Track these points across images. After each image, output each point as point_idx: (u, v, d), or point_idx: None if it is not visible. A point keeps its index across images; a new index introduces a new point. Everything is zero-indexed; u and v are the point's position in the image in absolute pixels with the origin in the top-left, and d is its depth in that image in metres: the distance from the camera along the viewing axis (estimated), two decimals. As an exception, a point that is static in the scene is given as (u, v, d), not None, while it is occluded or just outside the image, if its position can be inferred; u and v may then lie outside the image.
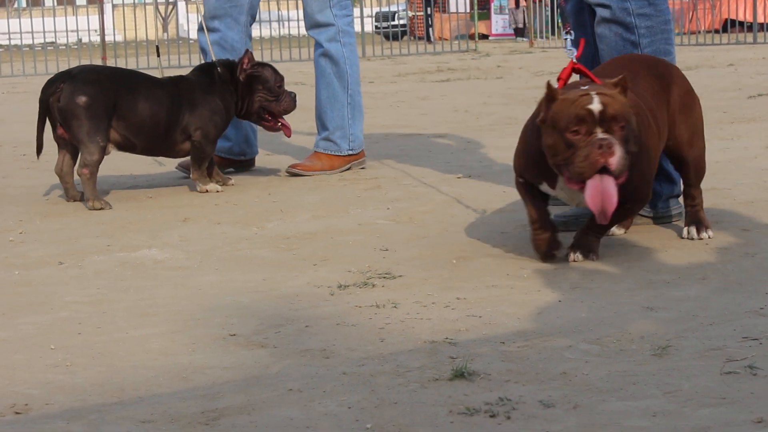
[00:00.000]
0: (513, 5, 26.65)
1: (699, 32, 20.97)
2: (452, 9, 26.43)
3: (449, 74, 12.97)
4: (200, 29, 5.51)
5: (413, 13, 26.60)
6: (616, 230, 3.79)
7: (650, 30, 3.90)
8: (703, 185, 3.80)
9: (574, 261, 3.45)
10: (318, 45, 5.55)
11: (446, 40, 23.38)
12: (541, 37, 22.74)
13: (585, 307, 2.94)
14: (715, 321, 2.78)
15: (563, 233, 3.60)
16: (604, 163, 3.14)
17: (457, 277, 3.31)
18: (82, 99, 4.74)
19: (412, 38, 23.43)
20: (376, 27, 25.52)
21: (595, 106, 3.16)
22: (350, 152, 5.52)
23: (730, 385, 2.31)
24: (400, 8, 26.51)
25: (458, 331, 2.75)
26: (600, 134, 3.16)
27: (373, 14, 26.08)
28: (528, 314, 2.89)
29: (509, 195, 4.63)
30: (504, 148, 6.16)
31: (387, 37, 23.22)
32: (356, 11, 20.45)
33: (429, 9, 25.65)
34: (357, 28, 20.02)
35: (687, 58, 13.73)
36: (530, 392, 2.31)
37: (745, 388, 2.29)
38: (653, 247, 3.62)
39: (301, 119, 8.16)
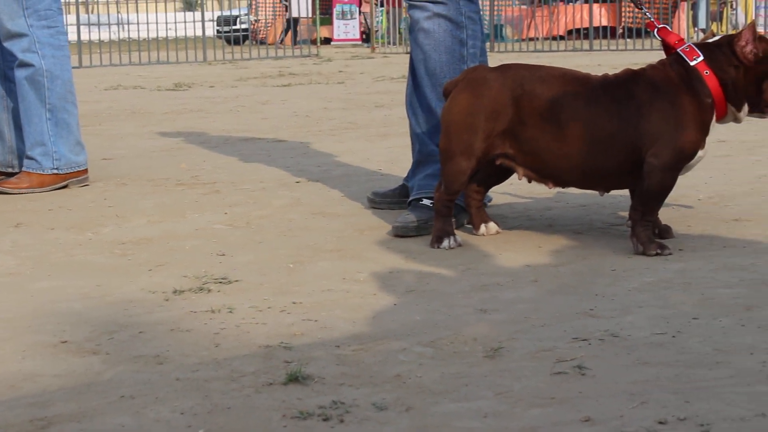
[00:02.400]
0: (367, 9, 26.64)
1: (537, 39, 21.35)
2: (294, 14, 26.39)
3: (290, 79, 12.96)
4: None
5: (255, 18, 26.52)
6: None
7: (474, 33, 4.12)
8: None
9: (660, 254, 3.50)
10: (13, 57, 5.14)
11: (288, 45, 23.36)
12: (391, 43, 22.79)
13: (420, 310, 2.97)
14: (546, 322, 2.83)
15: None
16: None
17: (293, 282, 3.31)
18: None
19: (254, 42, 23.36)
20: (218, 31, 25.35)
21: None
22: (55, 171, 5.13)
23: (559, 385, 2.36)
24: (242, 12, 26.41)
25: (293, 336, 2.75)
26: None
27: (215, 18, 25.93)
28: (363, 318, 2.91)
29: (346, 200, 4.65)
30: (343, 152, 6.18)
31: (228, 41, 23.09)
32: (197, 15, 20.25)
33: (285, 12, 25.58)
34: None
35: (525, 64, 13.91)
36: (364, 395, 2.32)
37: (573, 387, 2.34)
38: (488, 250, 3.67)
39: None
